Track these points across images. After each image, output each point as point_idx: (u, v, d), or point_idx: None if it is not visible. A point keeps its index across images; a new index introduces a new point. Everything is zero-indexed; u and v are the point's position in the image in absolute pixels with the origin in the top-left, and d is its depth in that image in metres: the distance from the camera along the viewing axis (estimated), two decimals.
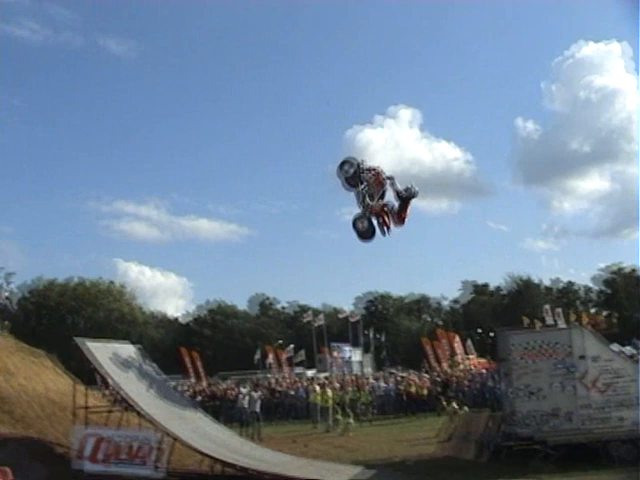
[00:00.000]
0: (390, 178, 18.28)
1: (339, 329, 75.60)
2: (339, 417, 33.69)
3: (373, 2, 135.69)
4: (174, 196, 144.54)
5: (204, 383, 55.03)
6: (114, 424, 22.56)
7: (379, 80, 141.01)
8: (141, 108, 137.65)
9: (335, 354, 52.44)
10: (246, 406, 32.53)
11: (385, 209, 18.32)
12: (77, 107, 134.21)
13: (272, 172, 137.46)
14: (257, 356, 68.35)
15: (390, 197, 17.70)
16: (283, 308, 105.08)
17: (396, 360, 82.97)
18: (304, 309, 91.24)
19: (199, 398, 41.10)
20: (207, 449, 20.61)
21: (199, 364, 61.39)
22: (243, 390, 35.56)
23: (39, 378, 27.18)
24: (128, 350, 25.23)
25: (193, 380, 57.24)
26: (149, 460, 20.10)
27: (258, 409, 32.61)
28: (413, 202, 17.51)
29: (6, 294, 28.01)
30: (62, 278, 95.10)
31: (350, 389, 40.33)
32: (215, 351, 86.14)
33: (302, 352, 66.18)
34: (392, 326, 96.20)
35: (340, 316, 74.90)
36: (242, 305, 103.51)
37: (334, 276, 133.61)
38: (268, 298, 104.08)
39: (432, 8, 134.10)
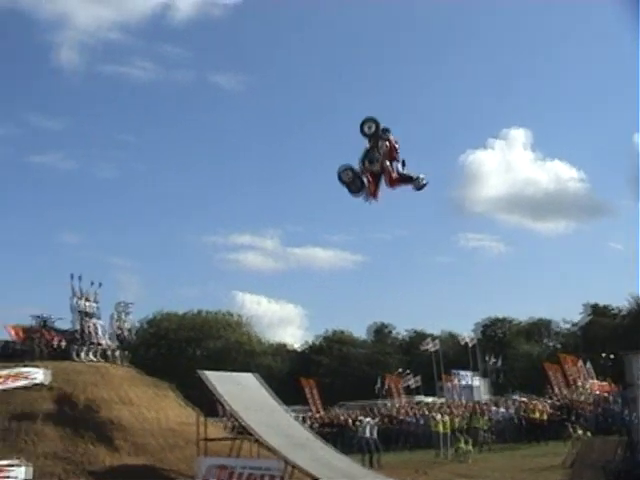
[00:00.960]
0: (402, 161, 18.48)
1: (457, 355, 74.57)
2: (462, 446, 32.90)
3: (482, 26, 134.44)
4: (288, 226, 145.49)
5: (322, 411, 54.81)
6: (235, 454, 22.50)
7: (492, 102, 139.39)
8: (251, 140, 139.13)
9: (455, 381, 51.70)
10: (367, 435, 32.06)
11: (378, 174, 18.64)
12: (188, 142, 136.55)
13: (384, 198, 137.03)
14: (378, 385, 67.82)
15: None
16: (398, 334, 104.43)
17: (514, 385, 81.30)
18: (421, 335, 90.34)
19: (317, 426, 40.84)
20: (327, 477, 20.33)
21: (316, 392, 61.26)
22: (363, 418, 35.15)
23: (160, 408, 27.37)
24: (248, 380, 25.22)
25: (313, 409, 57.10)
26: None
27: (376, 437, 32.16)
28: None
29: (126, 325, 28.37)
30: (182, 310, 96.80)
31: (469, 415, 39.50)
32: (332, 379, 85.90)
33: (418, 378, 65.49)
34: (510, 350, 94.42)
35: (459, 341, 73.88)
36: (358, 332, 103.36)
37: (452, 301, 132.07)
38: (385, 325, 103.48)
39: (543, 26, 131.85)
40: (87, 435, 24.15)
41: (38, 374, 27.06)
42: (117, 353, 30.94)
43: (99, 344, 30.59)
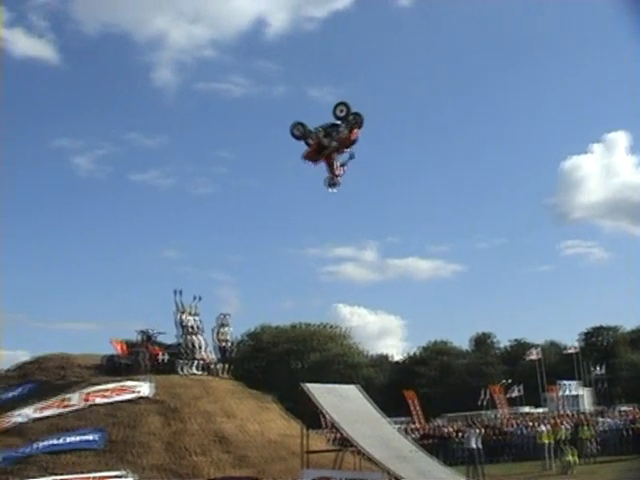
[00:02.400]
0: (351, 155, 23.30)
1: (559, 364, 73.35)
2: (569, 458, 32.23)
3: (579, 30, 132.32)
4: (386, 237, 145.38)
5: (424, 422, 54.44)
6: (338, 466, 22.45)
7: (593, 108, 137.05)
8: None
9: (560, 391, 50.86)
10: (472, 446, 31.69)
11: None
12: (285, 156, 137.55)
13: (483, 206, 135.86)
14: (482, 396, 67.05)
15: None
16: (499, 344, 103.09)
17: (619, 394, 79.47)
18: (522, 345, 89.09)
19: (418, 437, 40.54)
20: None
21: (417, 403, 60.90)
22: (468, 429, 34.77)
23: (262, 420, 27.53)
24: (350, 392, 25.16)
25: (415, 421, 56.77)
26: None
27: (481, 448, 31.76)
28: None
29: (227, 337, 28.58)
30: (282, 323, 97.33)
31: (574, 426, 38.71)
32: (433, 390, 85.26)
33: (520, 388, 64.60)
34: (615, 359, 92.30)
35: (562, 351, 72.62)
36: (458, 342, 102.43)
37: (553, 310, 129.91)
38: (486, 335, 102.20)
39: None
40: (191, 447, 24.41)
41: (143, 387, 27.51)
42: (219, 366, 31.24)
43: (202, 358, 30.95)
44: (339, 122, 23.25)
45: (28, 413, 27.09)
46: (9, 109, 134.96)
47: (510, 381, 69.47)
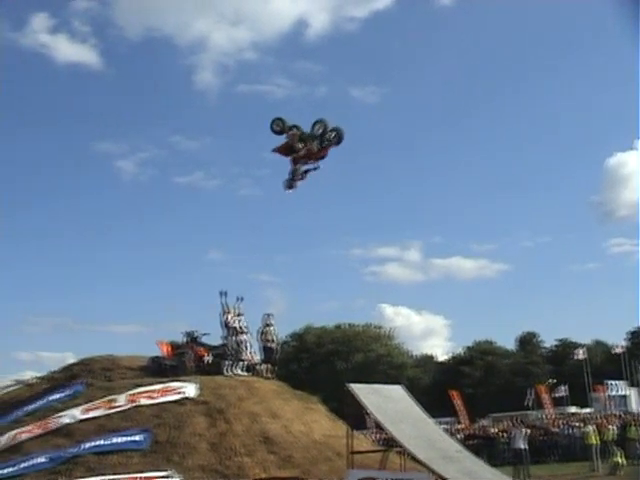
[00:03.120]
0: (305, 170, 26.36)
1: (606, 364, 72.64)
2: (617, 459, 31.92)
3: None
4: (430, 237, 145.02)
5: (469, 423, 54.22)
6: (383, 466, 22.42)
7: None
8: (388, 152, 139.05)
9: (608, 391, 50.39)
10: (519, 447, 31.50)
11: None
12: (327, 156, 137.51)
13: (527, 205, 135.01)
14: (527, 396, 66.62)
15: None
16: (545, 344, 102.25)
17: None
18: (568, 345, 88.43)
19: (463, 437, 40.37)
20: None
21: (462, 404, 60.68)
22: (515, 429, 34.56)
23: (307, 421, 27.52)
24: (395, 392, 25.10)
25: (461, 421, 56.56)
26: None
27: (527, 448, 31.55)
28: None
29: (272, 337, 28.52)
30: (327, 324, 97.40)
31: (622, 426, 38.33)
32: (478, 390, 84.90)
33: (566, 388, 64.10)
34: None
35: (609, 350, 71.92)
36: (503, 342, 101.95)
37: (599, 309, 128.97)
38: (532, 334, 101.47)
39: None
40: (236, 448, 24.47)
41: (188, 389, 27.64)
42: (264, 367, 31.31)
43: (247, 359, 31.04)
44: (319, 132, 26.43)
45: (75, 414, 27.33)
46: (53, 114, 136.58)
47: (555, 381, 69.02)
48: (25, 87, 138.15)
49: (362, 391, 23.04)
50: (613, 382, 60.35)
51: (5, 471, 24.63)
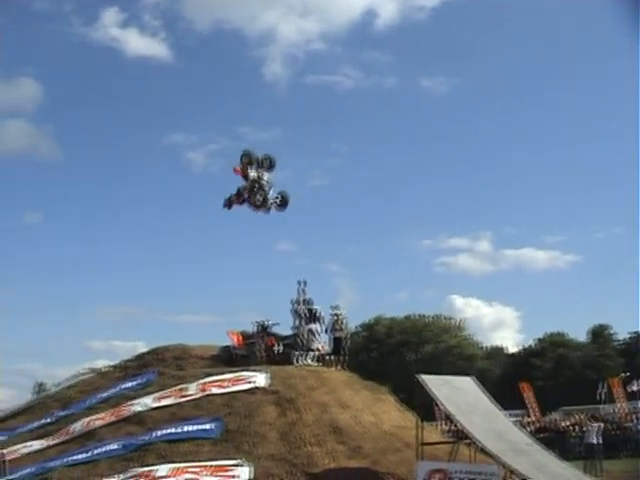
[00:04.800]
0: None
1: None
2: None
3: None
4: (501, 228, 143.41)
5: (539, 416, 53.67)
6: (452, 458, 22.37)
7: None
8: (460, 143, 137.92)
9: None
10: (592, 441, 31.12)
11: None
12: (397, 146, 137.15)
13: (599, 195, 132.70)
14: (600, 389, 65.56)
15: None
16: (618, 335, 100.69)
17: None
18: None
19: (534, 430, 39.98)
20: None
21: (532, 396, 60.00)
22: (587, 424, 34.14)
23: (377, 411, 27.54)
24: (465, 383, 24.99)
25: (531, 414, 55.99)
26: None
27: (601, 443, 31.13)
28: None
29: (342, 328, 28.47)
30: (396, 314, 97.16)
31: None
32: (549, 382, 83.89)
33: (639, 382, 63.02)
34: None
35: None
36: (575, 334, 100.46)
37: None
38: (604, 327, 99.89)
39: None
40: (306, 438, 24.58)
41: (259, 378, 27.82)
42: (334, 357, 31.37)
43: (317, 349, 31.13)
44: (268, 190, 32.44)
45: (147, 402, 27.74)
46: (124, 107, 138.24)
47: (629, 374, 67.82)
48: (96, 81, 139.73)
49: (432, 382, 22.98)
50: None
51: (79, 457, 25.12)
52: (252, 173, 32.14)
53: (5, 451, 26.33)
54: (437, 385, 22.91)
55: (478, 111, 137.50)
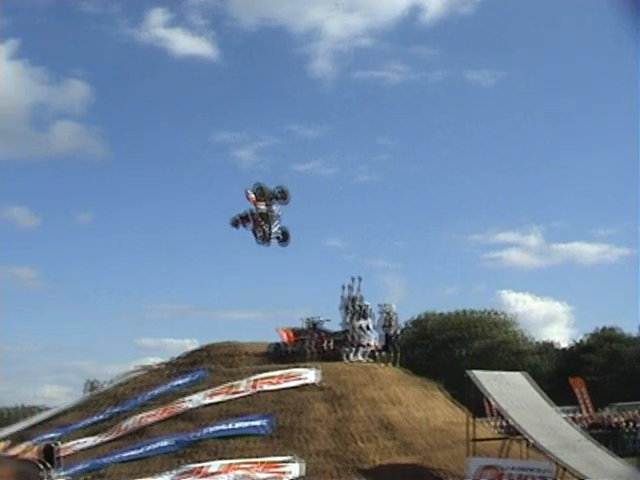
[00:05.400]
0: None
1: None
2: None
3: None
4: (551, 222, 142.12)
5: (592, 412, 53.12)
6: (504, 454, 22.22)
7: None
8: (510, 135, 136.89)
9: None
10: None
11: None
12: (445, 140, 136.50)
13: None
14: None
15: None
16: None
17: None
18: None
19: (586, 427, 39.57)
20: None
21: (585, 392, 59.40)
22: None
23: (428, 407, 27.47)
24: (517, 379, 24.85)
25: (583, 410, 55.42)
26: None
27: None
28: None
29: (392, 324, 28.39)
30: (446, 310, 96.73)
31: None
32: (601, 378, 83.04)
33: None
34: None
35: None
36: (627, 328, 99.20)
37: None
38: None
39: None
40: (357, 434, 24.58)
41: (309, 375, 27.85)
42: (384, 353, 31.30)
43: (368, 345, 31.07)
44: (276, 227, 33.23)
45: (198, 399, 27.91)
46: (172, 107, 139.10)
47: None
48: (144, 81, 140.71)
49: (483, 378, 22.87)
50: None
51: (131, 453, 25.37)
52: (262, 206, 33.06)
53: (60, 446, 26.61)
54: (488, 381, 22.80)
55: (526, 104, 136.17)
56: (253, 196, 32.97)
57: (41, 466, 2.08)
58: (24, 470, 2.03)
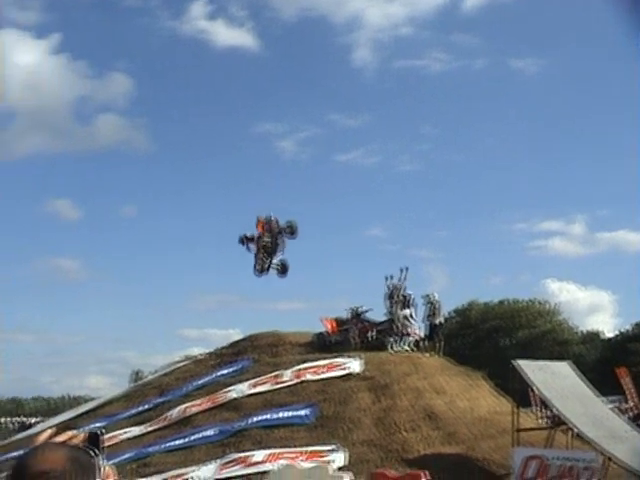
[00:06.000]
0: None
1: None
2: None
3: None
4: (596, 210, 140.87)
5: (638, 402, 52.60)
6: (549, 444, 22.12)
7: None
8: (555, 122, 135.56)
9: None
10: None
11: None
12: (488, 128, 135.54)
13: None
14: None
15: None
16: None
17: None
18: None
19: (632, 417, 39.16)
20: None
21: (630, 382, 58.85)
22: None
23: (472, 397, 27.39)
24: (562, 369, 24.71)
25: (629, 400, 54.91)
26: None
27: None
28: None
29: (436, 314, 28.33)
30: (490, 299, 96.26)
31: None
32: None
33: None
34: None
35: None
36: None
37: None
38: None
39: None
40: (401, 424, 24.59)
41: (353, 364, 27.88)
42: (428, 343, 31.27)
43: (412, 334, 31.07)
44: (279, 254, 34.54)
45: (242, 389, 28.04)
46: (214, 98, 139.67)
47: None
48: (186, 73, 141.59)
49: (528, 367, 22.77)
50: None
51: (176, 442, 25.59)
52: (266, 239, 34.15)
53: (105, 435, 26.87)
54: (533, 370, 22.69)
55: (569, 91, 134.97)
56: (261, 225, 34.21)
57: (92, 452, 2.11)
58: (77, 456, 2.05)
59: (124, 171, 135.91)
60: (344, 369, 27.64)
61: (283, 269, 34.73)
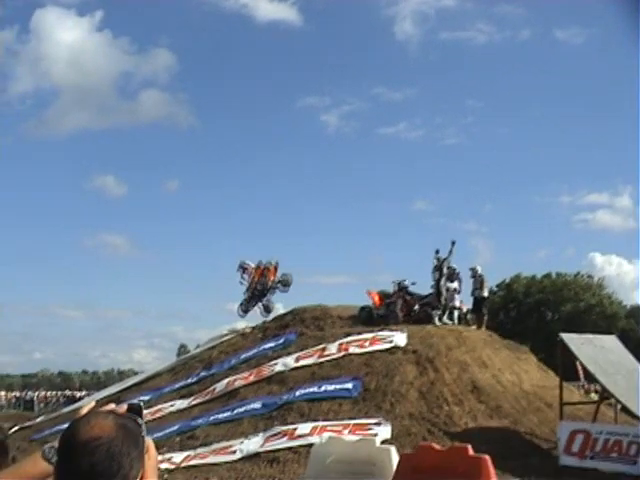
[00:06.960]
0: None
1: None
2: None
3: None
4: None
5: None
6: (595, 419, 22.04)
7: None
8: (595, 94, 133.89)
9: None
10: None
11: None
12: (534, 100, 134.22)
13: None
14: None
15: None
16: None
17: None
18: None
19: None
20: None
21: None
22: None
23: (517, 371, 27.33)
24: (609, 342, 24.56)
25: None
26: (627, 455, 19.24)
27: None
28: None
29: (480, 287, 28.23)
30: (535, 273, 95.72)
31: None
32: None
33: None
34: None
35: None
36: None
37: None
38: None
39: None
40: (446, 397, 24.62)
41: (398, 337, 27.91)
42: (473, 316, 31.25)
43: (457, 307, 31.08)
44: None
45: (288, 362, 28.22)
46: (256, 73, 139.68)
47: None
48: (229, 48, 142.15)
49: (574, 341, 22.67)
50: None
51: (222, 415, 25.86)
52: (259, 287, 35.73)
53: (149, 409, 27.23)
54: (579, 344, 22.58)
55: (616, 61, 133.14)
56: (258, 274, 35.83)
57: (139, 421, 2.16)
58: (125, 423, 2.11)
59: (167, 146, 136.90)
60: (389, 342, 27.67)
61: (267, 310, 36.33)
